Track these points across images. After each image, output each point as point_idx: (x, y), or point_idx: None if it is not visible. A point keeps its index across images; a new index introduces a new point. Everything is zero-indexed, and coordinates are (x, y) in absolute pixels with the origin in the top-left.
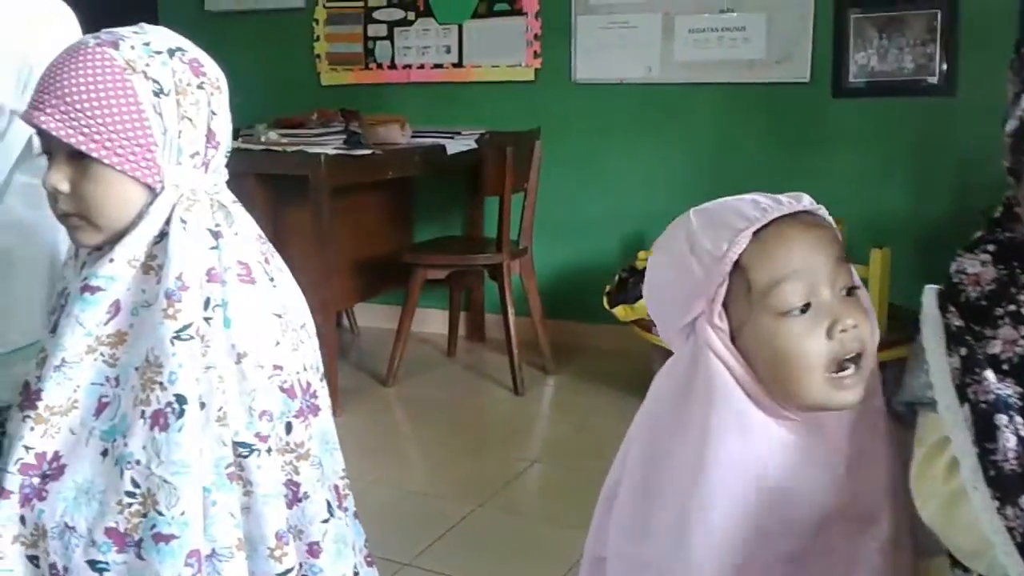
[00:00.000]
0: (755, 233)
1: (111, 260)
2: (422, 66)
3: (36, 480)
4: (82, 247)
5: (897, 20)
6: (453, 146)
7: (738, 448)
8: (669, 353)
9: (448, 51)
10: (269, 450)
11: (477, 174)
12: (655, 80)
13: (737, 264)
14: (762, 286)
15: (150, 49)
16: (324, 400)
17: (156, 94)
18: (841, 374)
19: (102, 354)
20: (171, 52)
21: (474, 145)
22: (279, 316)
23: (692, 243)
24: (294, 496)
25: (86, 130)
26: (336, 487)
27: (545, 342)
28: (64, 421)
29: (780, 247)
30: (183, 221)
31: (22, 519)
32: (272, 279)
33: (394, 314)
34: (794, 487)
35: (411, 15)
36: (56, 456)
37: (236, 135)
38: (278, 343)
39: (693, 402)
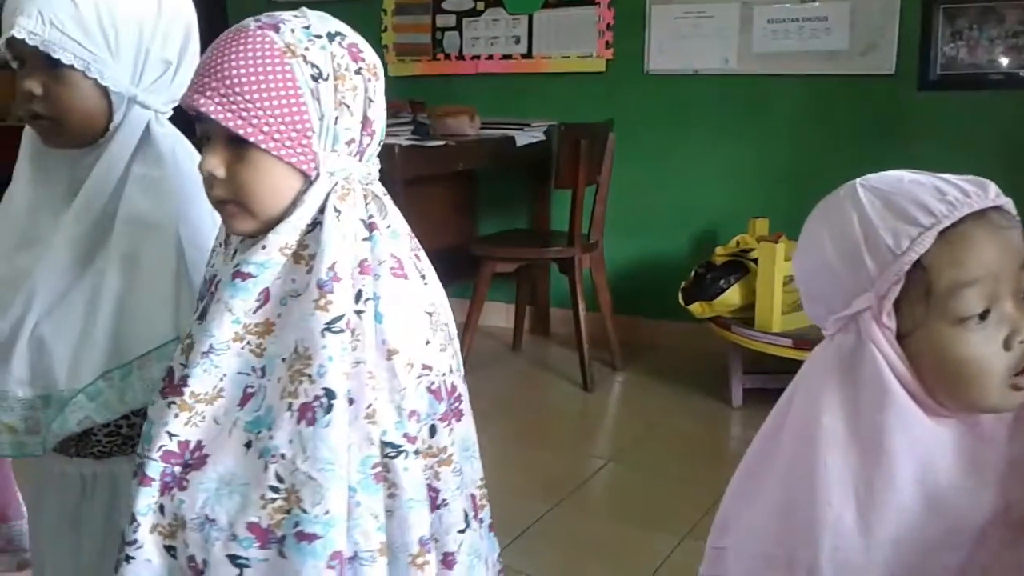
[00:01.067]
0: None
1: (263, 247)
2: (490, 57)
3: (177, 469)
4: (236, 234)
5: (989, 10)
6: (522, 138)
7: (907, 451)
8: (749, 353)
9: (517, 42)
10: (416, 452)
11: (544, 166)
12: (732, 71)
13: (916, 263)
14: (943, 290)
15: (310, 33)
16: (467, 405)
17: (315, 79)
18: (1017, 379)
19: (249, 343)
20: (330, 36)
21: (542, 137)
22: (429, 314)
23: (866, 232)
24: (432, 503)
25: (245, 114)
26: (473, 496)
27: (614, 338)
28: (208, 410)
29: (969, 251)
30: (337, 211)
31: (161, 508)
32: (423, 276)
33: (458, 306)
34: (957, 492)
35: (480, 5)
36: (199, 445)
37: None
38: (428, 342)
39: (857, 398)
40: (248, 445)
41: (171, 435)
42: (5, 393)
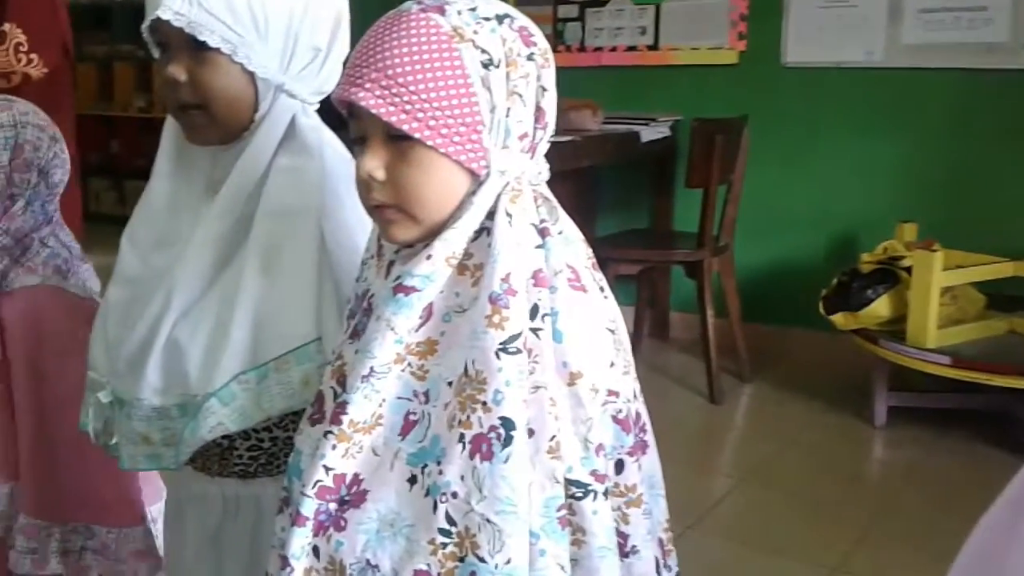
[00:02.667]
0: None
1: (428, 257)
2: (614, 48)
3: (333, 506)
4: (394, 243)
5: None
6: (647, 133)
7: None
8: (895, 369)
9: (643, 32)
10: (605, 492)
11: (669, 163)
12: (877, 64)
13: None
14: None
15: (477, 15)
16: (651, 435)
17: (485, 65)
18: None
19: (410, 364)
20: (500, 18)
21: (668, 133)
22: (612, 332)
23: None
24: (620, 550)
25: (408, 107)
26: (661, 541)
27: (742, 346)
28: (366, 439)
29: None
30: (508, 214)
31: (315, 550)
32: (602, 288)
33: None
34: None
35: None
36: (356, 479)
37: None
38: (612, 364)
39: None
40: (412, 480)
41: (328, 468)
42: (140, 402)
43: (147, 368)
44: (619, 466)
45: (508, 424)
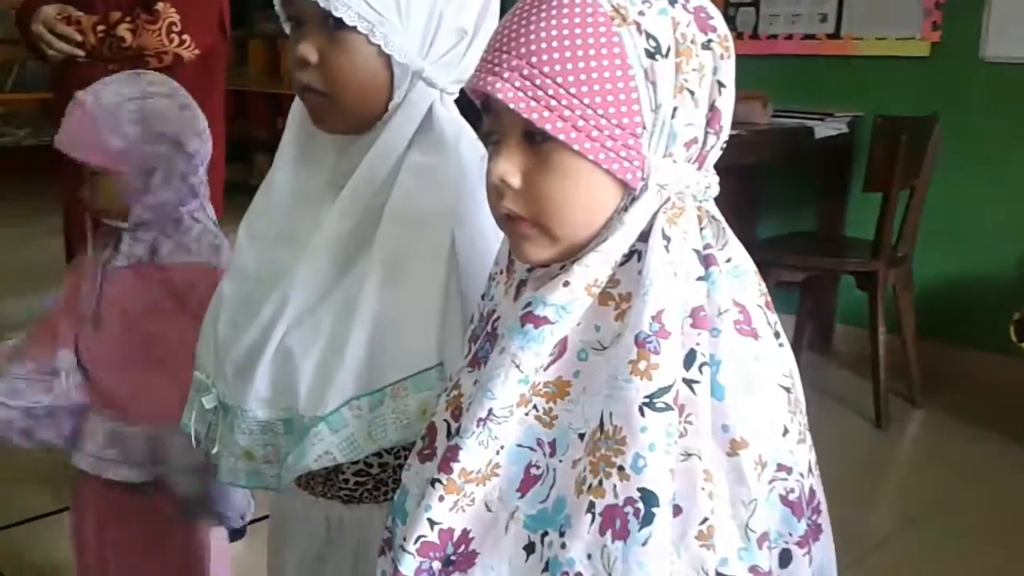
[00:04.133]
0: None
1: (565, 284)
2: (790, 36)
3: (437, 565)
4: (527, 262)
5: None
6: (821, 129)
7: None
8: None
9: (823, 20)
10: None
11: (845, 163)
12: None
13: None
14: None
15: None
16: (826, 516)
17: (651, 54)
18: None
19: (536, 407)
20: None
21: (845, 129)
22: (787, 390)
23: None
24: None
25: (553, 102)
26: None
27: (916, 367)
28: (479, 492)
29: None
30: (666, 237)
31: None
32: (777, 334)
33: None
34: None
35: None
36: (465, 537)
37: None
38: (785, 430)
39: None
40: (530, 549)
41: (432, 522)
42: (244, 413)
43: (255, 376)
44: (785, 558)
45: (649, 498)
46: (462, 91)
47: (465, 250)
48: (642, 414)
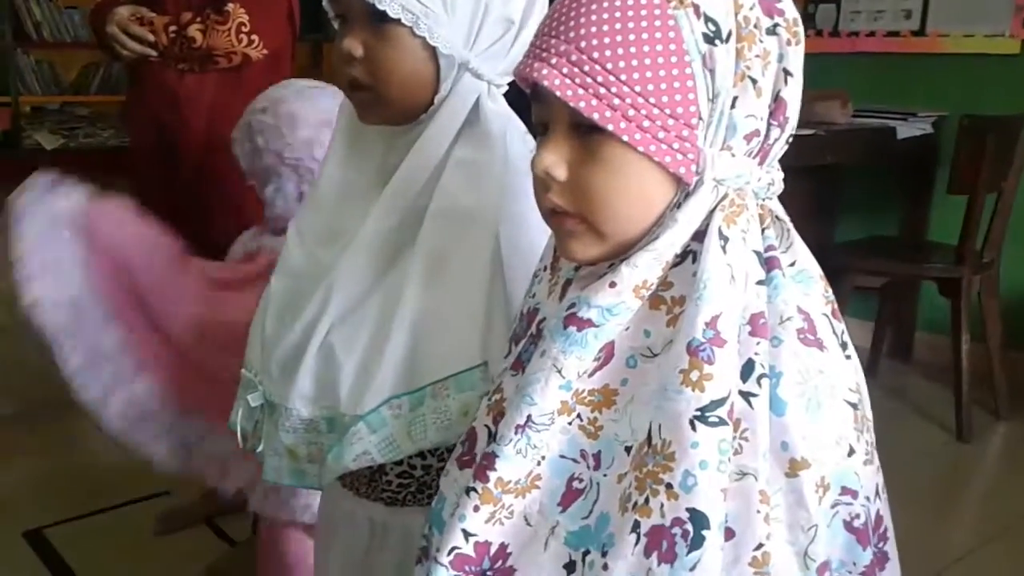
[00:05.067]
0: None
1: (612, 285)
2: (872, 33)
3: None
4: (573, 260)
5: None
6: (904, 129)
7: None
8: None
9: (908, 16)
10: None
11: (928, 164)
12: None
13: None
14: None
15: None
16: (892, 544)
17: (709, 39)
18: None
19: (580, 416)
20: None
21: (929, 130)
22: (854, 407)
23: None
24: None
25: (603, 90)
26: None
27: (1001, 378)
28: (518, 504)
29: None
30: (723, 237)
31: None
32: (844, 344)
33: None
34: None
35: None
36: (503, 551)
37: None
38: (851, 451)
39: None
40: (570, 568)
41: (467, 534)
42: (288, 411)
43: (299, 374)
44: None
45: (699, 519)
46: (513, 81)
47: (510, 248)
48: (693, 428)
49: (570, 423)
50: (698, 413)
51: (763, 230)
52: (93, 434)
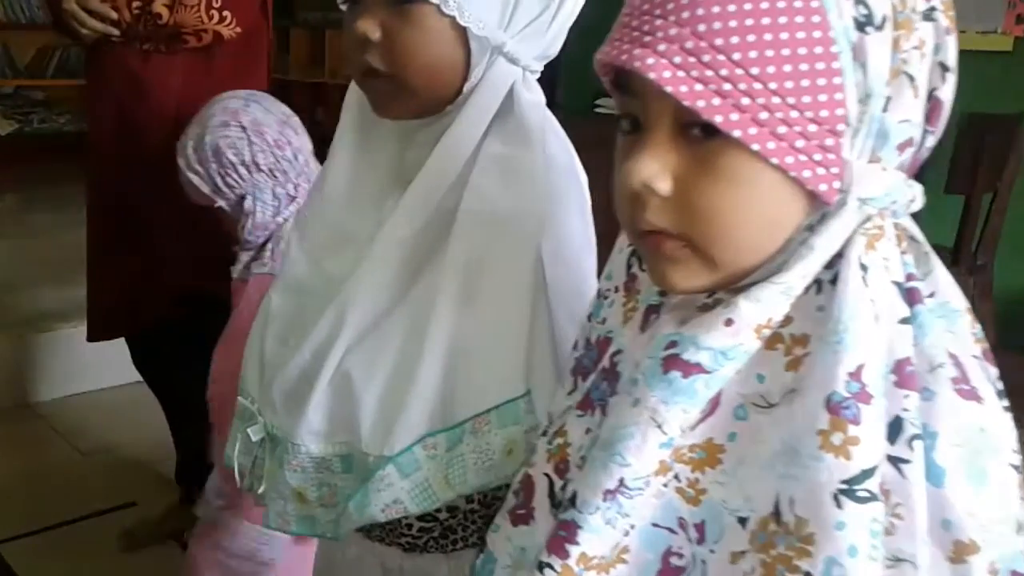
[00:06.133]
0: None
1: (728, 323)
2: None
3: None
4: (673, 291)
5: None
6: None
7: None
8: None
9: None
10: None
11: (922, 164)
12: None
13: None
14: None
15: None
16: None
17: (860, 26)
18: None
19: (677, 477)
20: None
21: None
22: (1016, 470)
23: None
24: None
25: (727, 86)
26: None
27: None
28: None
29: None
30: (863, 267)
31: None
32: (1000, 393)
33: None
34: None
35: None
36: None
37: (595, 104)
38: (1020, 526)
39: None
40: None
41: None
42: (295, 447)
43: (308, 405)
44: None
45: None
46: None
47: (552, 259)
48: (838, 505)
49: (665, 485)
50: (844, 486)
51: (902, 256)
52: (50, 438)
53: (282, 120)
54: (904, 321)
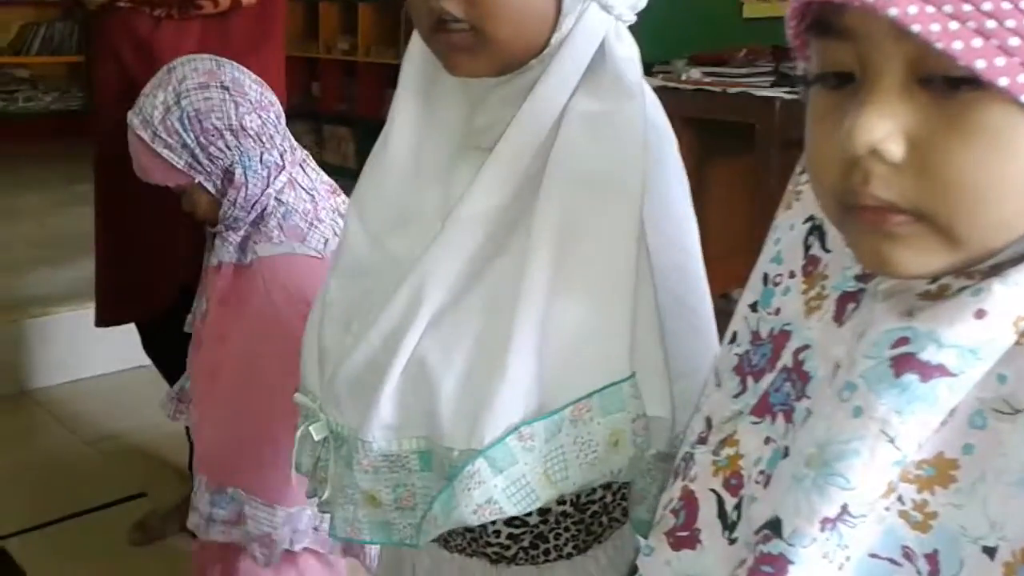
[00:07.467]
0: None
1: (980, 313)
2: None
3: None
4: (898, 276)
5: None
6: None
7: None
8: None
9: None
10: None
11: None
12: None
13: None
14: None
15: None
16: None
17: None
18: None
19: (900, 499)
20: None
21: None
22: None
23: None
24: None
25: (990, 25)
26: None
27: None
28: None
29: None
30: None
31: None
32: None
33: None
34: None
35: None
36: None
37: (650, 71)
38: None
39: None
40: None
41: None
42: (365, 445)
43: (379, 397)
44: None
45: None
46: None
47: (653, 230)
48: None
49: (887, 508)
50: None
51: None
52: (51, 427)
53: (255, 79)
54: None
